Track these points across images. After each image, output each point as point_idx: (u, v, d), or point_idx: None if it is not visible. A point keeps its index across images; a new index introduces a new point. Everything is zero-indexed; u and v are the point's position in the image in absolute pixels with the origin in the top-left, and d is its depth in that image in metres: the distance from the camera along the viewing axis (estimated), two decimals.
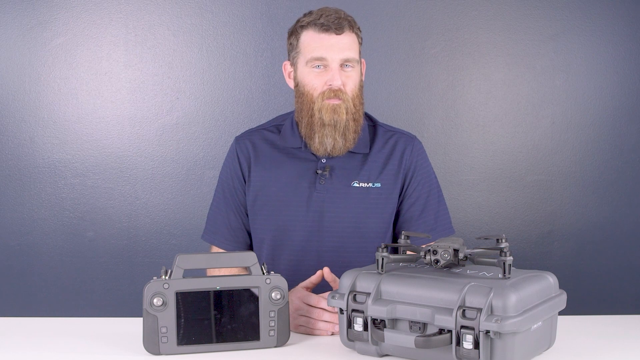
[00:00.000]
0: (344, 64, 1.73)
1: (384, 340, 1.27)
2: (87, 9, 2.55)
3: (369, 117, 1.89)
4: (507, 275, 1.28)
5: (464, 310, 1.21)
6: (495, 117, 2.62)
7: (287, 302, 1.41)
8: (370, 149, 1.82)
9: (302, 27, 1.76)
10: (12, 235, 2.57)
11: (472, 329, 1.20)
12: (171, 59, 2.57)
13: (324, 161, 1.80)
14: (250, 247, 1.87)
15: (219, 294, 1.37)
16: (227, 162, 1.89)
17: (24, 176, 2.57)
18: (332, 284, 1.55)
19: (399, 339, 1.26)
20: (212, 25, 2.57)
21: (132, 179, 2.58)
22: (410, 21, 2.58)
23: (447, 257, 1.33)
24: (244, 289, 1.39)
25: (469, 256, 1.35)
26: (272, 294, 1.39)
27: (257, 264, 1.41)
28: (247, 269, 1.41)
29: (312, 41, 1.73)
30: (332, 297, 1.35)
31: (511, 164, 2.63)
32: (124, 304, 2.57)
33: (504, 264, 1.29)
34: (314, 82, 1.74)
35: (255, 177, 1.82)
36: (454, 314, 1.22)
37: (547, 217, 2.63)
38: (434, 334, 1.23)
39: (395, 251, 1.48)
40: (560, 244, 2.64)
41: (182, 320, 1.36)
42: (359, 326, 1.32)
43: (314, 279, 1.56)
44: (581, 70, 2.61)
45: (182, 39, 2.57)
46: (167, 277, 1.36)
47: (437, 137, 2.60)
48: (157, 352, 1.35)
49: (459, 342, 1.22)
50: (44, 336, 1.50)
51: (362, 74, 1.81)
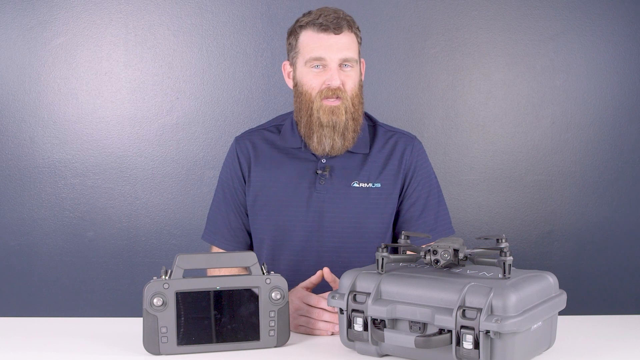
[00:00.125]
0: (342, 64, 1.73)
1: (384, 340, 1.27)
2: (87, 9, 2.55)
3: (368, 117, 1.89)
4: (507, 275, 1.28)
5: (464, 310, 1.21)
6: (495, 117, 2.61)
7: (287, 302, 1.41)
8: (370, 149, 1.82)
9: (301, 27, 1.76)
10: (12, 235, 2.57)
11: (472, 329, 1.20)
12: (171, 59, 2.57)
13: (323, 161, 1.79)
14: (250, 247, 1.87)
15: (219, 294, 1.37)
16: (227, 162, 1.88)
17: (24, 176, 2.57)
18: (332, 284, 1.55)
19: (399, 339, 1.26)
20: (212, 25, 2.57)
21: (132, 179, 2.58)
22: (410, 21, 2.58)
23: (447, 257, 1.33)
24: (244, 289, 1.39)
25: (469, 256, 1.35)
26: (272, 294, 1.39)
27: (257, 264, 1.41)
28: (247, 269, 1.41)
29: (310, 41, 1.73)
30: (332, 297, 1.35)
31: (511, 164, 2.63)
32: (124, 304, 2.57)
33: (504, 264, 1.29)
34: (313, 81, 1.74)
35: (255, 177, 1.82)
36: (454, 314, 1.21)
37: (547, 217, 2.63)
38: (434, 334, 1.23)
39: (395, 251, 1.48)
40: (560, 244, 2.64)
41: (182, 320, 1.36)
42: (359, 326, 1.32)
43: (314, 279, 1.56)
44: (581, 70, 2.61)
45: (182, 39, 2.57)
46: (167, 277, 1.36)
47: (437, 137, 2.60)
48: (157, 352, 1.35)
49: (459, 342, 1.22)
50: (44, 336, 1.50)
51: (361, 74, 1.81)
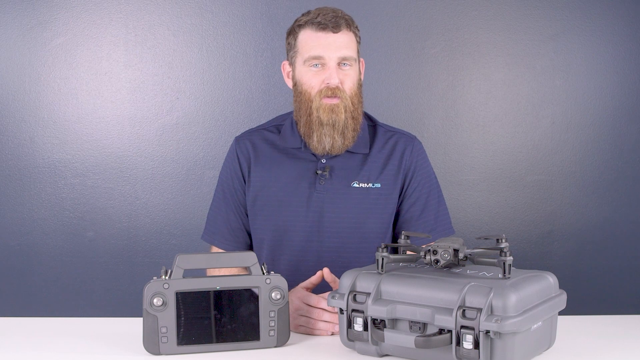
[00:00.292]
0: (341, 63, 1.73)
1: (384, 340, 1.27)
2: (87, 9, 2.55)
3: (368, 117, 1.89)
4: (507, 275, 1.28)
5: (464, 310, 1.21)
6: (495, 117, 2.61)
7: (287, 302, 1.40)
8: (370, 149, 1.82)
9: (300, 26, 1.76)
10: (12, 235, 2.57)
11: (472, 329, 1.20)
12: (171, 59, 2.57)
13: (323, 161, 1.79)
14: (250, 248, 1.87)
15: (219, 294, 1.37)
16: (227, 162, 1.88)
17: (24, 176, 2.57)
18: (332, 285, 1.55)
19: (399, 339, 1.26)
20: (212, 25, 2.57)
21: (132, 179, 2.58)
22: (410, 21, 2.58)
23: (447, 257, 1.33)
24: (244, 289, 1.39)
25: (469, 256, 1.35)
26: (272, 294, 1.39)
27: (257, 264, 1.41)
28: (247, 269, 1.41)
29: (309, 40, 1.73)
30: (332, 297, 1.35)
31: (511, 164, 2.63)
32: (124, 304, 2.57)
33: (504, 264, 1.29)
34: (312, 81, 1.74)
35: (255, 177, 1.82)
36: (454, 314, 1.21)
37: (547, 217, 2.63)
38: (434, 334, 1.23)
39: (395, 251, 1.48)
40: (560, 244, 2.64)
41: (182, 320, 1.36)
42: (359, 326, 1.31)
43: (314, 279, 1.56)
44: (581, 70, 2.61)
45: (182, 39, 2.57)
46: (167, 277, 1.36)
47: (437, 137, 2.60)
48: (157, 352, 1.35)
49: (459, 342, 1.22)
50: (44, 336, 1.49)
51: (360, 73, 1.81)
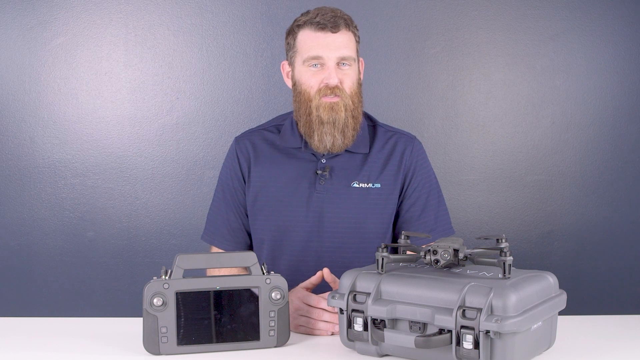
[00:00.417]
0: (340, 62, 1.73)
1: (384, 340, 1.27)
2: (87, 9, 2.55)
3: (368, 117, 1.89)
4: (507, 275, 1.28)
5: (464, 310, 1.21)
6: (495, 117, 2.61)
7: (287, 302, 1.40)
8: (370, 149, 1.82)
9: (299, 26, 1.76)
10: (12, 235, 2.57)
11: (472, 329, 1.20)
12: (171, 59, 2.57)
13: (323, 161, 1.79)
14: (250, 248, 1.87)
15: (219, 294, 1.37)
16: (226, 162, 1.88)
17: (24, 176, 2.57)
18: (332, 285, 1.55)
19: (399, 339, 1.26)
20: (212, 25, 2.57)
21: (132, 179, 2.58)
22: (410, 21, 2.58)
23: (447, 257, 1.33)
24: (244, 289, 1.39)
25: (469, 256, 1.35)
26: (272, 294, 1.39)
27: (257, 264, 1.41)
28: (247, 269, 1.41)
29: (308, 40, 1.73)
30: (332, 297, 1.35)
31: (511, 164, 2.63)
32: (124, 304, 2.57)
33: (504, 264, 1.29)
34: (311, 80, 1.74)
35: (255, 177, 1.82)
36: (454, 314, 1.21)
37: (547, 217, 2.63)
38: (434, 334, 1.23)
39: (395, 251, 1.48)
40: (560, 244, 2.64)
41: (182, 320, 1.36)
42: (359, 326, 1.31)
43: (314, 279, 1.56)
44: (581, 70, 2.61)
45: (182, 39, 2.57)
46: (167, 277, 1.36)
47: (437, 137, 2.60)
48: (157, 352, 1.35)
49: (459, 342, 1.22)
50: (44, 336, 1.49)
51: (360, 73, 1.81)
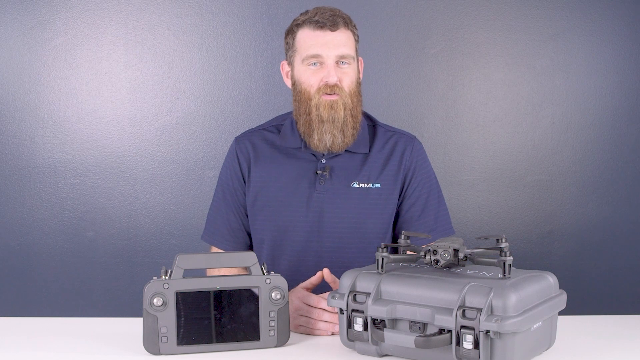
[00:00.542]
0: (339, 61, 1.73)
1: (384, 340, 1.27)
2: (87, 9, 2.55)
3: (368, 117, 1.89)
4: (507, 275, 1.28)
5: (464, 310, 1.21)
6: (495, 117, 2.61)
7: (287, 302, 1.40)
8: (370, 149, 1.82)
9: (298, 25, 1.76)
10: (12, 235, 2.57)
11: (472, 329, 1.20)
12: (171, 59, 2.57)
13: (323, 161, 1.79)
14: (250, 248, 1.87)
15: (219, 294, 1.37)
16: (226, 162, 1.88)
17: (24, 176, 2.57)
18: (332, 285, 1.55)
19: (399, 339, 1.26)
20: (212, 25, 2.57)
21: (132, 179, 2.58)
22: (410, 21, 2.58)
23: (447, 257, 1.33)
24: (244, 289, 1.39)
25: (469, 256, 1.35)
26: (272, 294, 1.39)
27: (257, 264, 1.41)
28: (247, 269, 1.41)
29: (307, 39, 1.73)
30: (332, 297, 1.35)
31: (511, 164, 2.63)
32: (124, 304, 2.57)
33: (504, 264, 1.29)
34: (311, 79, 1.74)
35: (255, 177, 1.82)
36: (454, 314, 1.21)
37: (547, 217, 2.63)
38: (434, 334, 1.23)
39: (395, 251, 1.48)
40: (560, 244, 2.64)
41: (182, 320, 1.36)
42: (359, 326, 1.31)
43: (314, 279, 1.56)
44: (581, 70, 2.61)
45: (182, 39, 2.57)
46: (167, 277, 1.36)
47: (437, 137, 2.60)
48: (157, 352, 1.35)
49: (459, 342, 1.22)
50: (44, 336, 1.49)
51: (359, 71, 1.81)
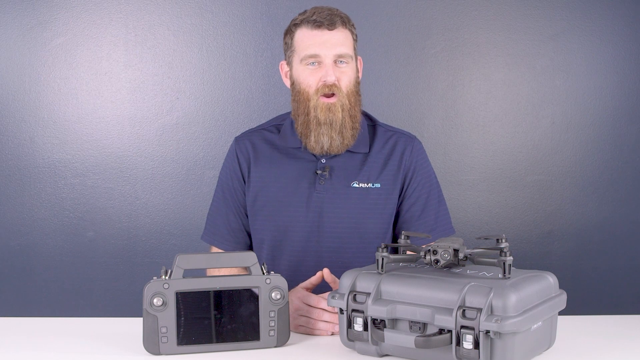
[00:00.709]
0: (337, 60, 1.73)
1: (384, 340, 1.27)
2: (87, 9, 2.55)
3: (368, 117, 1.89)
4: (507, 275, 1.28)
5: (464, 310, 1.21)
6: (495, 117, 2.61)
7: (287, 302, 1.40)
8: (370, 149, 1.82)
9: (296, 25, 1.76)
10: (12, 235, 2.57)
11: (472, 329, 1.20)
12: (171, 59, 2.57)
13: (323, 161, 1.79)
14: (250, 248, 1.87)
15: (219, 294, 1.37)
16: (226, 162, 1.88)
17: (24, 176, 2.57)
18: (332, 285, 1.55)
19: (399, 339, 1.26)
20: (212, 25, 2.57)
21: (132, 179, 2.58)
22: (410, 21, 2.58)
23: (447, 257, 1.33)
24: (244, 289, 1.39)
25: (469, 256, 1.35)
26: (272, 294, 1.39)
27: (257, 264, 1.41)
28: (247, 269, 1.41)
29: (305, 38, 1.73)
30: (332, 297, 1.35)
31: (511, 164, 2.63)
32: (124, 304, 2.57)
33: (504, 264, 1.29)
34: (309, 79, 1.74)
35: (255, 177, 1.82)
36: (454, 314, 1.21)
37: (547, 217, 2.63)
38: (434, 334, 1.23)
39: (395, 251, 1.48)
40: (560, 244, 2.64)
41: (182, 320, 1.36)
42: (359, 326, 1.31)
43: (314, 279, 1.56)
44: (581, 70, 2.61)
45: (182, 39, 2.57)
46: (167, 277, 1.36)
47: (437, 137, 2.60)
48: (157, 352, 1.35)
49: (459, 342, 1.22)
50: (44, 336, 1.49)
51: (358, 71, 1.81)
